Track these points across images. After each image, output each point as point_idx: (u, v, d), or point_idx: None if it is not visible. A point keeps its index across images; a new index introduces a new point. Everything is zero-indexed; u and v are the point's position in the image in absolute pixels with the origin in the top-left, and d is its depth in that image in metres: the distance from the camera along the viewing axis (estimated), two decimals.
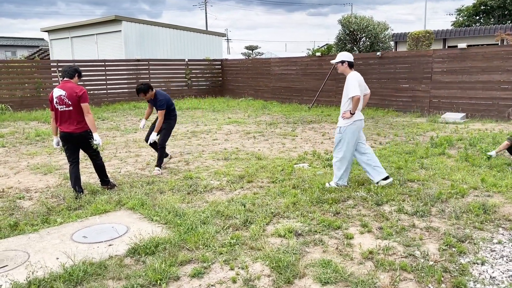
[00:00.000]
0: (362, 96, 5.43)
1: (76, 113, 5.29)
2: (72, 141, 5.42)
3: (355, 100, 5.19)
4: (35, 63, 17.67)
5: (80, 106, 5.29)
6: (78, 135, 5.36)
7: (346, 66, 5.45)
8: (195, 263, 3.59)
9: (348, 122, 5.33)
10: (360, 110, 5.47)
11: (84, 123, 5.37)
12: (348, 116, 5.30)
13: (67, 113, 5.29)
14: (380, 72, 14.30)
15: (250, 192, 5.55)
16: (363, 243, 3.88)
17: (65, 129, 5.34)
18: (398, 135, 9.57)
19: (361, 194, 5.25)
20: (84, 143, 5.47)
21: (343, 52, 5.62)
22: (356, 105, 5.23)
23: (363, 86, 5.51)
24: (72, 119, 5.30)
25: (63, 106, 5.29)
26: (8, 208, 5.11)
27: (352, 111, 5.27)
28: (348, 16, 19.52)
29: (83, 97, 5.30)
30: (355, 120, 5.34)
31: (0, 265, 3.62)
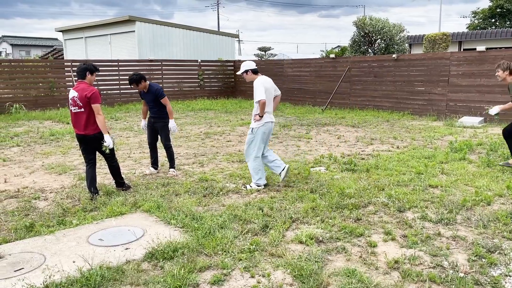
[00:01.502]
0: (272, 99, 5.74)
1: (88, 114, 5.22)
2: (86, 142, 5.36)
3: (261, 104, 5.47)
4: (49, 63, 17.79)
5: (92, 108, 5.22)
6: (91, 137, 5.31)
7: (251, 74, 5.72)
8: (215, 270, 3.49)
9: (259, 124, 5.60)
10: (271, 112, 5.75)
11: (95, 125, 5.29)
12: (258, 119, 5.58)
13: (79, 115, 5.23)
14: (395, 75, 14.10)
15: (267, 196, 5.44)
16: (387, 251, 3.75)
17: (79, 131, 5.29)
18: (415, 139, 9.38)
19: (382, 200, 5.11)
20: (99, 145, 5.41)
21: (245, 61, 5.86)
22: (262, 108, 5.49)
23: (273, 89, 5.77)
24: (85, 121, 5.23)
25: (76, 107, 5.24)
26: (24, 209, 5.07)
27: (260, 114, 5.53)
28: (363, 18, 19.32)
29: (93, 98, 5.19)
30: (266, 122, 5.62)
31: (16, 267, 3.56)
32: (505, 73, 6.20)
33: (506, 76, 6.21)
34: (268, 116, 5.63)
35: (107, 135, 5.31)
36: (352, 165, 6.83)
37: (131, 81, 6.45)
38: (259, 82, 5.53)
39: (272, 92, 5.73)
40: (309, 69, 17.02)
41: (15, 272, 3.47)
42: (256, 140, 5.67)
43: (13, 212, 4.95)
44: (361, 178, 6.11)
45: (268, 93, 5.57)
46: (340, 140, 9.47)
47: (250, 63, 5.77)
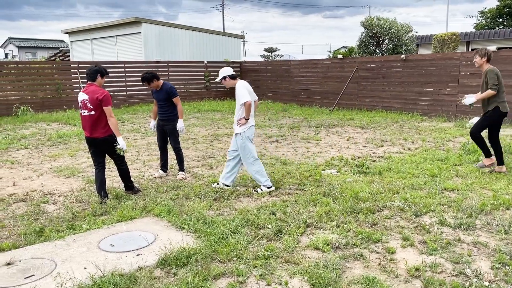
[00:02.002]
0: (253, 102, 5.69)
1: (98, 117, 5.15)
2: (96, 145, 5.29)
3: (246, 106, 5.44)
4: (55, 65, 17.78)
5: (103, 110, 5.15)
6: (102, 140, 5.23)
7: (229, 80, 5.72)
8: (229, 277, 3.39)
9: (245, 127, 5.59)
10: (253, 116, 5.75)
11: (108, 127, 5.22)
12: (243, 123, 5.57)
13: (89, 118, 5.15)
14: (404, 75, 13.96)
15: (278, 200, 5.35)
16: (407, 258, 3.63)
17: (89, 134, 5.22)
18: (426, 141, 9.24)
19: (397, 203, 4.99)
20: (108, 147, 5.33)
21: (222, 69, 5.83)
22: (248, 110, 5.48)
23: (253, 93, 5.77)
24: (95, 124, 5.16)
25: (86, 110, 5.16)
26: (33, 213, 5.00)
27: (246, 117, 5.51)
28: (370, 18, 19.17)
29: (104, 100, 5.14)
30: (251, 125, 5.64)
31: (27, 274, 3.48)
32: (483, 60, 6.16)
33: (483, 63, 6.16)
34: (252, 120, 5.65)
35: (120, 138, 5.26)
36: (364, 167, 6.72)
37: (143, 80, 6.37)
38: (241, 85, 5.55)
39: (254, 97, 5.75)
40: (316, 70, 16.90)
41: (25, 279, 3.40)
42: (248, 143, 5.63)
43: (22, 216, 4.88)
44: (374, 181, 5.99)
45: (252, 96, 5.60)
46: (349, 142, 9.35)
47: (228, 69, 5.77)
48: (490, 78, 6.01)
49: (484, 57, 6.13)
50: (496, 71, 6.05)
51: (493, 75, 6.01)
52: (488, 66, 6.15)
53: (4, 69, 16.37)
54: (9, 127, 11.88)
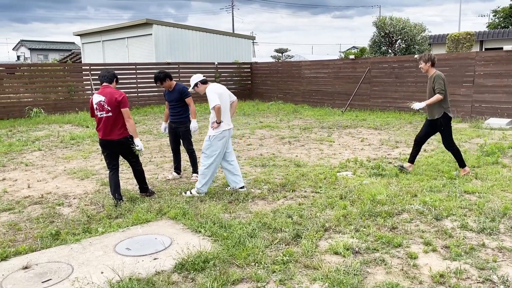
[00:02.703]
0: (228, 106, 5.70)
1: (115, 119, 5.15)
2: (112, 147, 5.27)
3: (216, 109, 5.39)
4: (67, 67, 17.91)
5: (120, 112, 5.15)
6: (118, 141, 5.21)
7: (201, 85, 5.70)
8: (248, 283, 3.33)
9: (217, 132, 5.52)
10: (229, 119, 5.68)
11: (124, 129, 5.22)
12: (215, 127, 5.50)
13: (106, 120, 5.14)
14: (417, 76, 13.78)
15: (294, 203, 5.27)
16: (430, 264, 3.53)
17: (105, 136, 5.19)
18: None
19: (416, 207, 4.88)
20: (124, 149, 5.32)
21: (192, 76, 5.82)
22: (218, 114, 5.42)
23: (227, 95, 5.72)
24: (112, 125, 5.15)
25: (103, 112, 5.14)
26: (48, 215, 4.99)
27: (218, 120, 5.46)
28: (383, 18, 18.99)
29: (123, 102, 5.15)
30: (223, 130, 5.55)
31: (44, 278, 3.45)
32: (428, 65, 6.18)
33: (429, 67, 6.18)
34: (225, 124, 5.57)
35: (137, 139, 5.30)
36: (380, 169, 6.61)
37: (157, 79, 6.35)
38: (210, 89, 5.51)
39: (227, 99, 5.69)
40: (327, 71, 16.78)
41: (42, 284, 3.37)
42: (212, 146, 5.55)
43: (38, 219, 4.87)
44: (391, 184, 5.89)
45: (223, 100, 5.52)
46: (364, 143, 9.24)
47: (197, 75, 5.77)
48: (438, 83, 6.04)
49: (429, 62, 6.16)
50: (442, 76, 6.08)
51: (440, 80, 6.04)
52: (434, 71, 6.18)
53: (17, 71, 16.54)
54: (22, 129, 11.96)
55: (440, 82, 6.04)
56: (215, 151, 5.57)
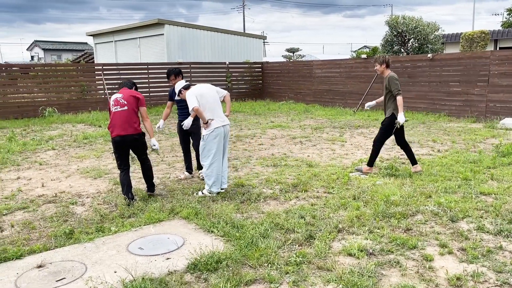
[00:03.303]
0: (216, 103, 5.66)
1: (130, 113, 5.24)
2: (124, 146, 5.30)
3: (195, 111, 5.40)
4: (80, 67, 18.08)
5: (135, 108, 5.31)
6: (131, 137, 5.26)
7: (184, 91, 5.72)
8: (261, 283, 3.31)
9: (209, 130, 5.52)
10: (221, 116, 5.65)
11: (138, 125, 5.32)
12: (205, 127, 5.51)
13: (121, 114, 5.23)
14: (430, 75, 13.62)
15: (307, 203, 5.23)
16: (446, 266, 3.47)
17: (120, 131, 5.22)
18: (456, 142, 8.97)
19: (431, 208, 4.81)
20: (138, 145, 5.38)
21: (176, 84, 5.93)
22: (199, 114, 5.42)
23: (213, 92, 5.73)
24: (127, 119, 5.22)
25: (118, 106, 5.26)
26: (62, 214, 5.03)
27: (203, 120, 5.45)
28: (395, 17, 18.80)
29: (142, 100, 5.43)
30: (215, 127, 5.53)
31: (58, 277, 3.47)
32: (383, 67, 6.32)
33: (384, 69, 6.32)
34: (217, 121, 5.55)
35: (153, 139, 5.56)
36: (393, 170, 6.54)
37: (170, 73, 6.41)
38: (189, 92, 5.56)
39: (214, 95, 5.69)
40: (339, 70, 16.68)
41: (57, 282, 3.39)
42: (207, 146, 5.55)
43: (51, 218, 4.91)
44: (405, 184, 5.82)
45: (205, 99, 5.52)
46: None
47: (180, 82, 5.87)
48: (394, 84, 6.18)
49: (383, 64, 6.30)
50: (396, 77, 6.25)
51: (395, 81, 6.19)
52: (388, 72, 6.31)
53: (31, 72, 16.75)
54: (36, 128, 12.10)
55: (396, 83, 6.19)
56: (211, 150, 5.55)
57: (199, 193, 5.66)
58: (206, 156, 5.60)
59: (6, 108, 14.48)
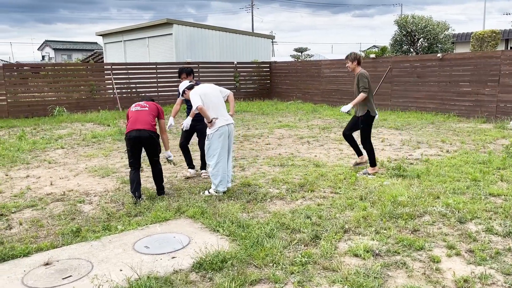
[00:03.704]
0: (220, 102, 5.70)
1: (148, 114, 5.47)
2: (139, 142, 5.35)
3: (199, 109, 5.46)
4: (89, 66, 18.22)
5: (154, 113, 5.53)
6: (147, 133, 5.33)
7: (187, 91, 5.80)
8: (266, 283, 3.30)
9: (213, 129, 5.53)
10: (225, 115, 5.66)
11: (154, 125, 5.47)
12: (209, 126, 5.53)
13: (138, 112, 5.48)
14: (440, 75, 13.49)
15: (313, 203, 5.21)
16: (454, 268, 3.44)
17: (136, 126, 5.33)
18: (465, 143, 8.88)
19: (439, 209, 4.76)
20: (152, 145, 5.45)
21: (181, 84, 6.05)
22: (203, 113, 5.46)
23: (217, 92, 5.79)
24: (144, 118, 5.40)
25: (138, 107, 5.55)
26: (70, 212, 5.07)
27: (207, 119, 5.49)
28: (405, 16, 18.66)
29: (161, 112, 5.70)
30: (220, 126, 5.54)
31: (65, 275, 3.50)
32: (354, 64, 6.37)
33: (355, 66, 6.37)
34: (221, 120, 5.57)
35: (168, 151, 5.90)
36: (401, 170, 6.49)
37: (182, 71, 6.52)
38: (192, 92, 5.64)
39: (217, 95, 5.75)
40: (347, 70, 16.52)
41: (63, 280, 3.42)
42: (212, 145, 5.56)
43: (59, 216, 4.95)
44: (413, 185, 5.77)
45: (208, 98, 5.57)
46: (384, 144, 9.09)
47: (184, 83, 5.99)
48: (361, 82, 6.22)
49: (355, 61, 6.36)
50: (366, 75, 6.27)
51: (363, 78, 6.22)
52: (359, 69, 6.35)
53: (41, 71, 16.92)
54: (46, 127, 12.22)
55: (364, 81, 6.21)
56: (216, 149, 5.56)
57: (206, 192, 5.67)
58: (211, 155, 5.61)
59: (17, 107, 14.64)
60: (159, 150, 5.61)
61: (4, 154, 8.37)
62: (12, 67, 16.91)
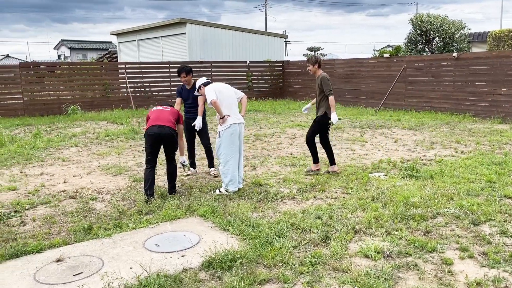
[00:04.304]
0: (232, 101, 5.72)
1: (169, 114, 5.58)
2: (159, 138, 5.38)
3: (213, 104, 5.50)
4: (104, 65, 18.41)
5: (174, 116, 5.61)
6: (169, 130, 5.41)
7: (203, 88, 5.86)
8: (275, 283, 3.29)
9: (225, 126, 5.55)
10: (237, 114, 5.70)
11: (174, 124, 5.56)
12: (221, 122, 5.56)
13: (160, 111, 5.57)
14: (455, 75, 13.30)
15: (324, 203, 5.18)
16: (466, 271, 3.38)
17: (157, 122, 5.41)
18: (480, 143, 8.73)
19: (452, 210, 4.69)
20: (171, 142, 5.50)
21: (197, 81, 6.06)
22: (216, 107, 5.50)
23: (230, 92, 5.83)
24: (165, 116, 5.51)
25: (160, 107, 5.69)
26: (82, 210, 5.12)
27: (220, 115, 5.53)
28: (420, 15, 18.42)
29: (181, 118, 5.80)
30: (231, 123, 5.56)
31: (75, 271, 3.54)
32: (315, 67, 6.46)
33: (316, 69, 6.45)
34: (233, 118, 5.60)
35: (183, 157, 6.06)
36: (414, 171, 6.41)
37: (182, 70, 6.57)
38: (207, 88, 5.70)
39: (231, 94, 5.82)
40: (361, 69, 16.46)
41: (74, 277, 3.45)
42: (223, 143, 5.59)
43: (72, 213, 5.01)
44: (426, 186, 5.69)
45: (223, 96, 5.64)
46: (397, 144, 8.99)
47: (201, 79, 6.01)
48: (326, 85, 6.30)
49: (316, 64, 6.46)
50: (328, 77, 6.38)
51: (327, 81, 6.33)
52: (320, 72, 6.44)
53: (57, 70, 17.16)
54: (61, 126, 12.38)
55: (327, 83, 6.31)
56: (227, 147, 5.59)
57: (216, 191, 5.68)
58: (222, 153, 5.63)
59: (33, 105, 14.87)
60: (177, 148, 5.70)
61: (19, 151, 8.51)
62: (28, 66, 17.17)
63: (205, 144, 6.78)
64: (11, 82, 14.90)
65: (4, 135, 9.84)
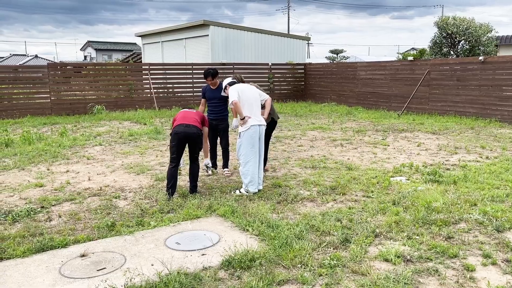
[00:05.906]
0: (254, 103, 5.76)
1: (196, 115, 5.73)
2: (185, 137, 5.48)
3: (234, 104, 5.57)
4: (128, 66, 18.75)
5: (200, 117, 5.74)
6: (195, 129, 5.52)
7: (228, 87, 5.98)
8: (294, 284, 3.30)
9: (245, 127, 5.59)
10: (258, 115, 5.73)
11: (199, 123, 5.68)
12: (242, 123, 5.59)
13: (187, 112, 5.77)
14: (482, 79, 13.01)
15: (344, 206, 5.16)
16: (489, 277, 3.32)
17: (184, 121, 5.54)
18: (506, 149, 8.52)
19: (476, 216, 4.61)
20: (197, 141, 5.60)
21: (224, 81, 6.30)
22: (237, 108, 5.56)
23: (253, 93, 5.85)
24: (192, 117, 5.66)
25: (186, 109, 5.94)
26: (105, 207, 5.25)
27: (240, 116, 5.57)
28: (445, 18, 18.10)
29: (206, 121, 5.94)
30: (252, 125, 5.59)
31: (99, 267, 3.64)
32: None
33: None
34: (254, 119, 5.63)
35: (207, 159, 6.24)
36: (436, 175, 6.31)
37: (208, 74, 6.65)
38: (231, 88, 5.78)
39: (255, 96, 5.85)
40: (384, 72, 16.28)
41: (97, 272, 3.55)
42: (244, 144, 5.63)
43: (96, 210, 5.14)
44: (448, 191, 5.60)
45: (246, 96, 5.70)
46: (420, 148, 8.86)
47: (227, 79, 6.20)
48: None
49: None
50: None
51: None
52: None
53: (83, 70, 17.58)
54: (86, 125, 12.68)
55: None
56: (247, 148, 5.63)
57: (237, 192, 5.73)
58: (242, 154, 5.69)
59: (59, 104, 15.27)
60: (201, 148, 5.80)
61: (46, 149, 8.77)
62: (56, 67, 17.64)
63: (223, 145, 6.91)
64: (39, 82, 15.33)
65: (32, 133, 10.14)
